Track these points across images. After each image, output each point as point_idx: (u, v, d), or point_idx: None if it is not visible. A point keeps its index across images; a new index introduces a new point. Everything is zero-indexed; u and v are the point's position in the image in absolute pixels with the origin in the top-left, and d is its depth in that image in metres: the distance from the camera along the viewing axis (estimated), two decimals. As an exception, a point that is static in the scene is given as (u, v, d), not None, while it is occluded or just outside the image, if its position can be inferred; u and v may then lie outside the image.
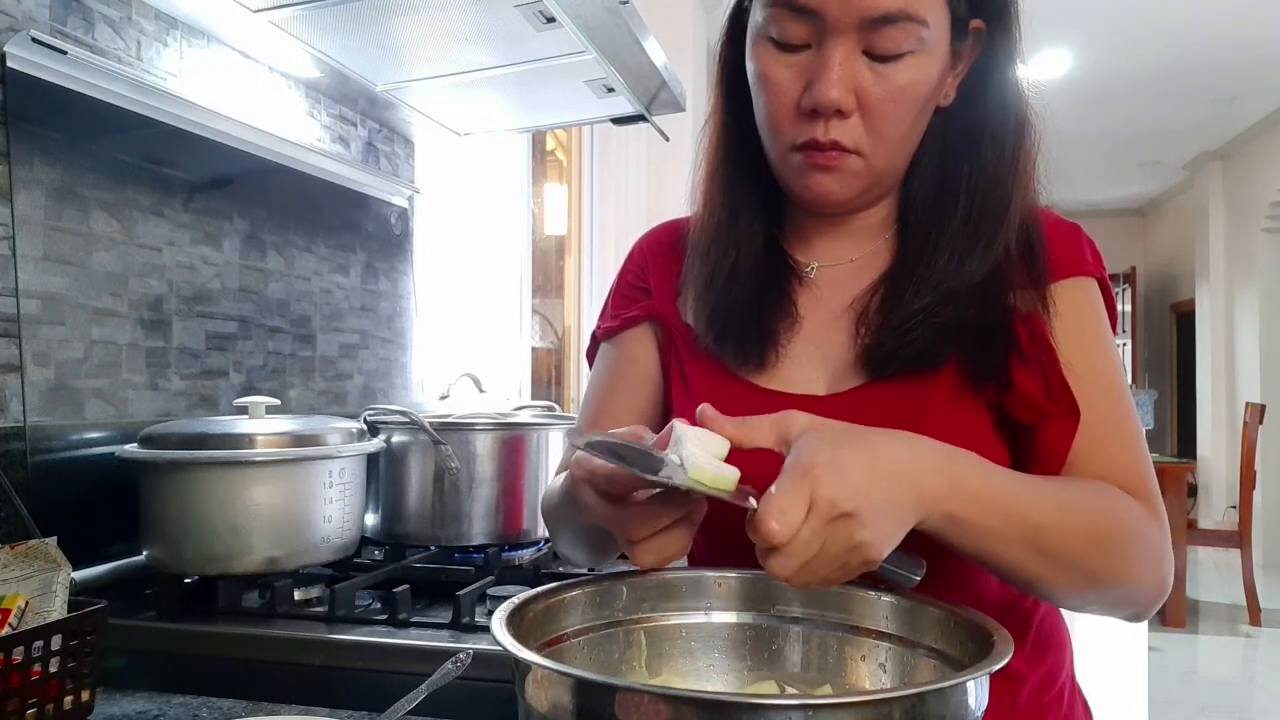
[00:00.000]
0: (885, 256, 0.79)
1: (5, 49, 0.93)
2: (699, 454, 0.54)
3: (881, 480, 0.53)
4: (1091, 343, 0.73)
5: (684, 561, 0.63)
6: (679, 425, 0.55)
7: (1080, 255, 0.76)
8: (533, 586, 0.59)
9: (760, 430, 0.57)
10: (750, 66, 0.74)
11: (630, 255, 0.91)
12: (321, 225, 1.45)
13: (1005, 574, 0.62)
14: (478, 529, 1.16)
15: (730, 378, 0.78)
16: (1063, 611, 0.81)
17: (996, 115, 0.73)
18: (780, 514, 0.50)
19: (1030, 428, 0.71)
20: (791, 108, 0.70)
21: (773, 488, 0.52)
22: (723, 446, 0.56)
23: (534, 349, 2.71)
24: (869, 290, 0.76)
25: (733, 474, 0.54)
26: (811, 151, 0.70)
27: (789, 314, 0.78)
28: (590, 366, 0.92)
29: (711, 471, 0.54)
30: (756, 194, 0.81)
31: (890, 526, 0.53)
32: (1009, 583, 0.65)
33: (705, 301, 0.80)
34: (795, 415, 0.57)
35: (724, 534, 0.67)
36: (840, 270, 0.80)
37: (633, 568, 0.61)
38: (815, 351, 0.78)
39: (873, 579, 0.57)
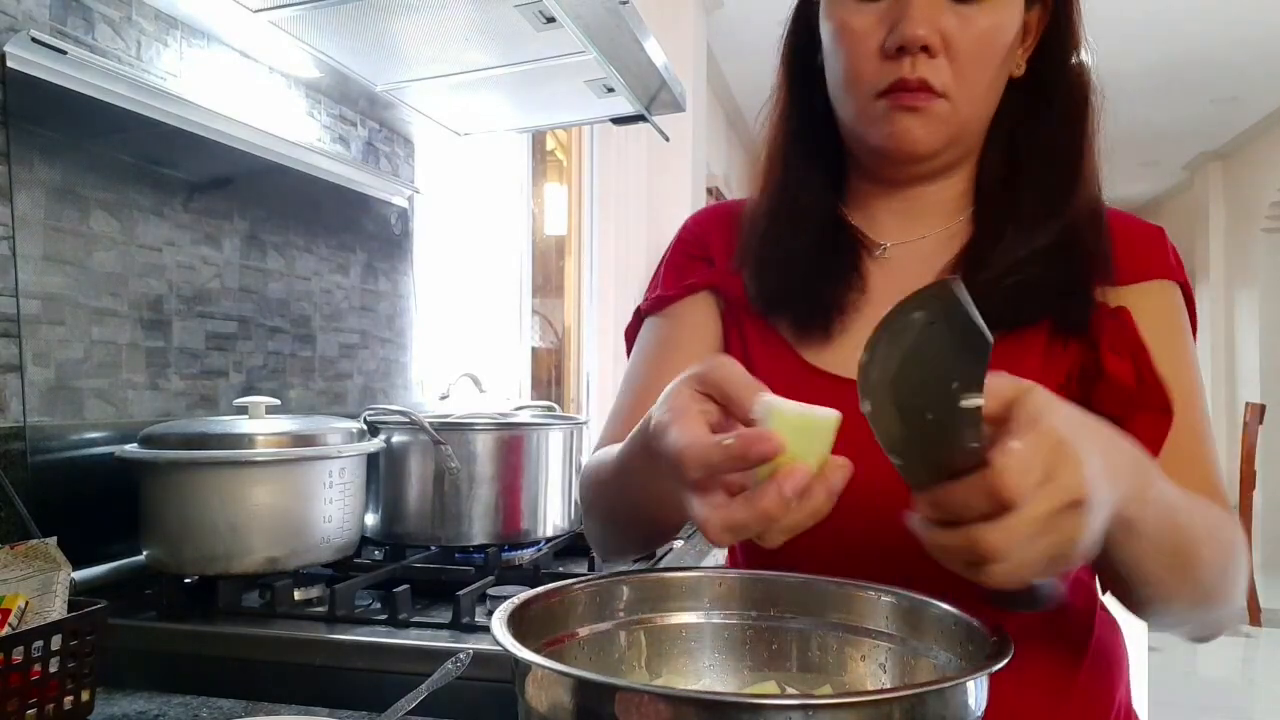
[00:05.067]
0: (962, 238, 0.77)
1: (5, 49, 0.93)
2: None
3: (1105, 476, 0.47)
4: (1176, 348, 0.72)
5: (686, 560, 0.63)
6: (768, 398, 0.48)
7: (1165, 259, 0.75)
8: (533, 586, 0.59)
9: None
10: (827, 27, 0.74)
11: (685, 229, 0.88)
12: (321, 225, 1.44)
13: (1131, 584, 0.60)
14: (478, 529, 1.16)
15: (795, 360, 0.76)
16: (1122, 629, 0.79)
17: (1064, 90, 0.75)
18: (1024, 472, 0.43)
19: (1118, 424, 0.69)
20: (875, 53, 0.70)
21: (1014, 442, 0.44)
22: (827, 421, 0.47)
23: (534, 349, 2.71)
24: (949, 268, 0.75)
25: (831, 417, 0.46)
26: (899, 93, 0.69)
27: (855, 285, 0.76)
28: (629, 349, 0.88)
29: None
30: (821, 175, 0.80)
31: (1099, 526, 0.48)
32: (1122, 593, 0.63)
33: (763, 266, 0.78)
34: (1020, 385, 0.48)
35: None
36: (912, 249, 0.78)
37: (633, 567, 0.61)
38: None
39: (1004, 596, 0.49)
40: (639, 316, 0.87)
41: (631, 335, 0.88)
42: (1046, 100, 0.75)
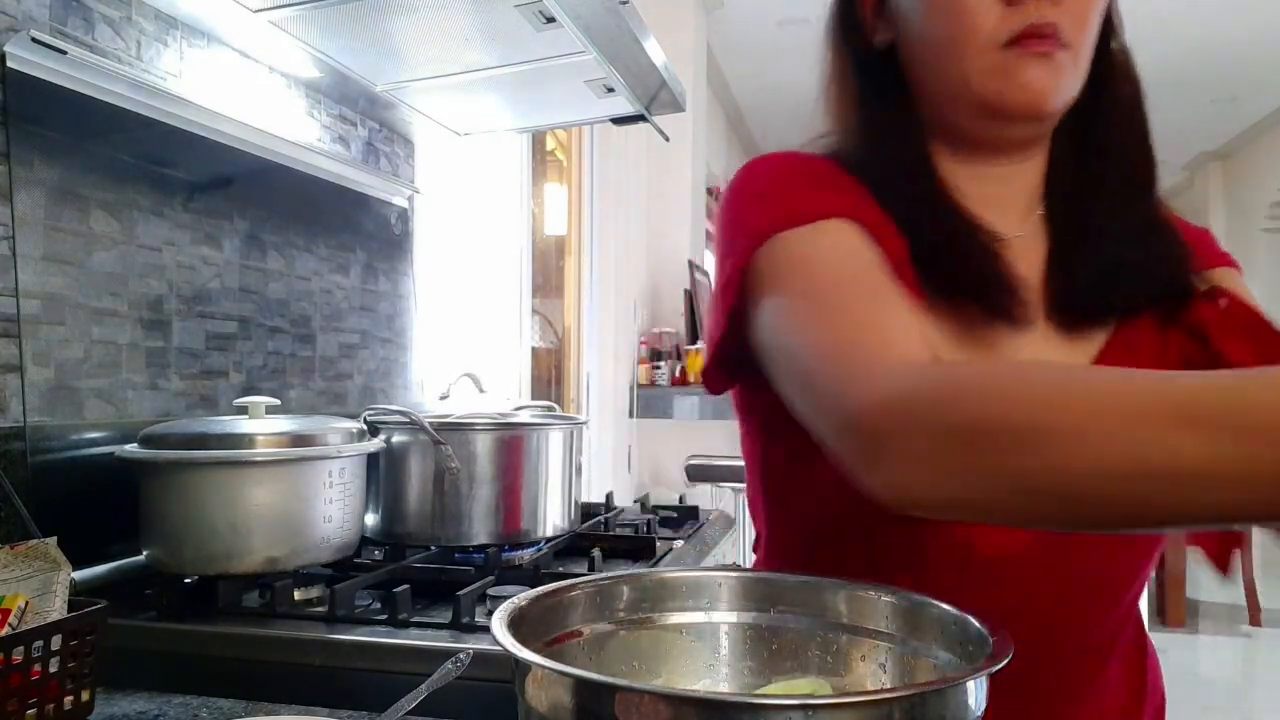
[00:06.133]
0: (1041, 236, 0.74)
1: (5, 49, 0.93)
2: None
3: None
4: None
5: (686, 560, 0.63)
6: None
7: (1220, 249, 0.75)
8: (533, 586, 0.59)
9: None
10: None
11: (775, 164, 0.73)
12: (321, 225, 1.44)
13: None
14: (478, 529, 1.16)
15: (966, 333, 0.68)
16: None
17: (1117, 73, 0.73)
18: None
19: None
20: (994, 1, 0.65)
21: None
22: None
23: (534, 349, 2.71)
24: (1045, 262, 0.72)
25: None
26: (1030, 40, 0.65)
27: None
28: (728, 303, 0.67)
29: None
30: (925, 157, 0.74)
31: None
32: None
33: (942, 249, 0.68)
34: None
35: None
36: (1011, 245, 0.71)
37: (633, 568, 0.61)
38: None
39: None
40: (749, 250, 0.66)
41: (733, 289, 0.67)
42: (1102, 82, 0.72)
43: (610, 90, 1.45)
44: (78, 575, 0.88)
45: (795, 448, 0.70)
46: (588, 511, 1.46)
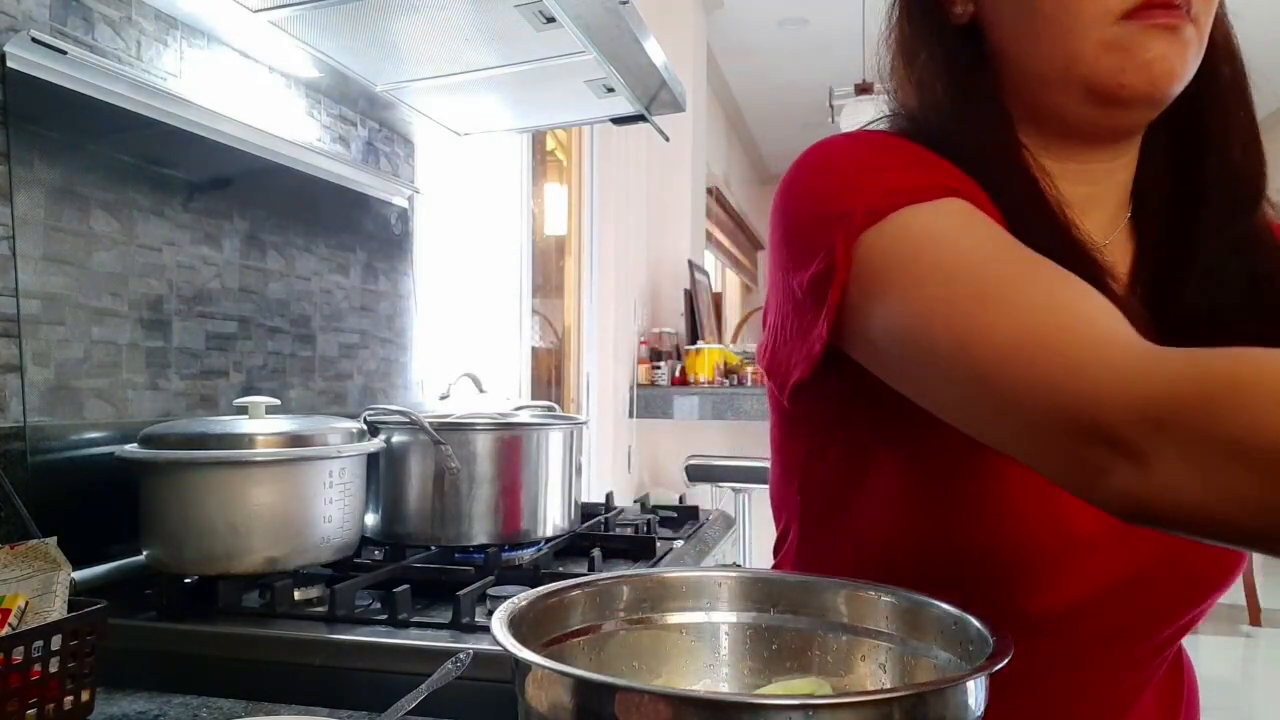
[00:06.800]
0: (1128, 245, 0.68)
1: (5, 49, 0.93)
2: None
3: None
4: None
5: (686, 560, 0.63)
6: None
7: None
8: (533, 586, 0.59)
9: None
10: None
11: (859, 142, 0.66)
12: (321, 225, 1.44)
13: None
14: (478, 529, 1.16)
15: None
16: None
17: (1225, 54, 0.66)
18: None
19: None
20: None
21: None
22: None
23: (534, 349, 2.71)
24: (1136, 268, 0.66)
25: None
26: (1153, 10, 0.57)
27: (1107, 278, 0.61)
28: (840, 278, 0.57)
29: None
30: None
31: None
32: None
33: (1017, 225, 0.60)
34: None
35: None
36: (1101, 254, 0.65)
37: (633, 568, 0.61)
38: None
39: None
40: (854, 233, 0.57)
41: (836, 282, 0.57)
42: (1202, 65, 0.62)
43: (610, 90, 1.45)
44: (78, 575, 0.88)
45: (844, 460, 0.69)
46: (588, 511, 1.46)
